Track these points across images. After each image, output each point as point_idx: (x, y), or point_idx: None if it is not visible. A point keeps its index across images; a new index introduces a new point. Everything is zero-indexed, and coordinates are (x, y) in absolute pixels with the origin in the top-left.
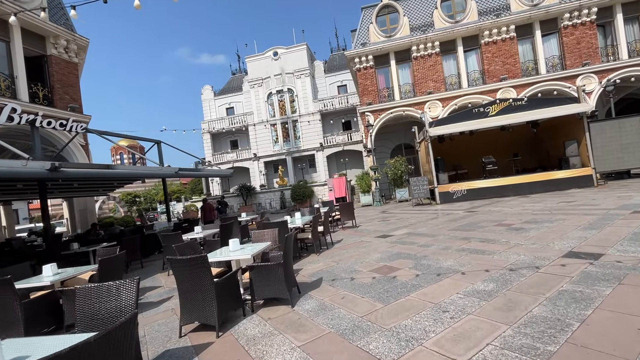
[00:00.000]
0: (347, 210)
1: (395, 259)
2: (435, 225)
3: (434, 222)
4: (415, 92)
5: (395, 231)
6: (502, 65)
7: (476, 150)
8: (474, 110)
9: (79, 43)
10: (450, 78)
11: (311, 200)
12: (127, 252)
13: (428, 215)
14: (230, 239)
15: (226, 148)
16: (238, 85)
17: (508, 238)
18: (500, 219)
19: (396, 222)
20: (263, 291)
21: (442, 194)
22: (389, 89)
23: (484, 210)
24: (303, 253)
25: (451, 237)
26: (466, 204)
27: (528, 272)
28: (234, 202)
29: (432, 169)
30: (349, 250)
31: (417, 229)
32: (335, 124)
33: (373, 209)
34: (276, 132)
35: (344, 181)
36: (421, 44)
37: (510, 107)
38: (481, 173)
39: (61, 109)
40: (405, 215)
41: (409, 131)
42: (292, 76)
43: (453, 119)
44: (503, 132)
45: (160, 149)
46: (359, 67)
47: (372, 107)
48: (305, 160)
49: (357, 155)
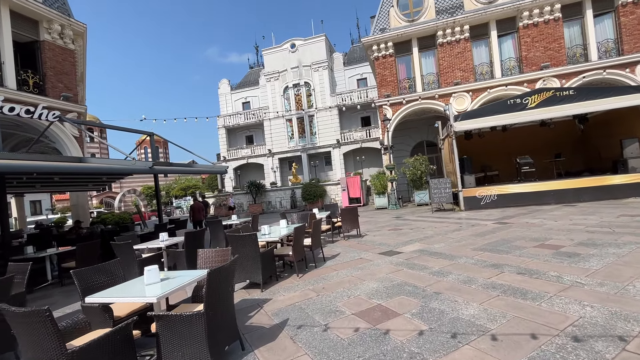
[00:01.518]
0: (350, 216)
1: (396, 294)
2: (456, 241)
3: (455, 235)
4: (439, 82)
5: (405, 246)
6: (543, 52)
7: (509, 149)
8: (509, 102)
9: (75, 29)
10: (480, 67)
11: (323, 200)
12: (83, 260)
13: (449, 226)
14: (148, 268)
15: (241, 144)
16: (255, 79)
17: (559, 270)
18: (543, 237)
19: (409, 233)
20: (174, 355)
21: (467, 199)
22: (410, 79)
23: (520, 223)
24: (284, 272)
25: (477, 263)
26: (496, 213)
27: (606, 347)
28: (243, 200)
29: (456, 169)
30: (340, 272)
31: (432, 245)
32: (353, 119)
33: (387, 213)
34: (292, 128)
35: (358, 181)
36: (448, 28)
37: (554, 98)
38: (515, 176)
39: (54, 97)
40: (422, 223)
41: (432, 127)
42: (309, 69)
43: (483, 112)
44: (543, 129)
45: (152, 141)
46: (377, 56)
47: (390, 99)
48: (321, 157)
49: (376, 154)
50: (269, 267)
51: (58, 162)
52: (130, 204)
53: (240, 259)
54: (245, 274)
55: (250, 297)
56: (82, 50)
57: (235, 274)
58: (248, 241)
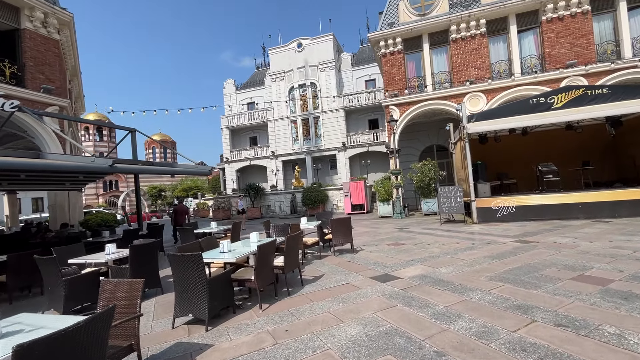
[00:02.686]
0: (342, 228)
1: (380, 352)
2: (468, 265)
3: (466, 256)
4: (452, 82)
5: (404, 268)
6: (569, 48)
7: (529, 155)
8: (532, 101)
9: (60, 17)
10: (498, 65)
11: (325, 206)
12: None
13: (459, 242)
14: None
15: (245, 145)
16: (261, 80)
17: (617, 323)
18: (581, 265)
19: (411, 250)
20: None
21: (481, 210)
22: (419, 78)
23: (546, 242)
24: (249, 300)
25: (496, 301)
26: (515, 227)
27: None
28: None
29: (468, 176)
30: (317, 304)
31: (438, 269)
32: (360, 121)
33: (391, 222)
34: (296, 129)
35: (362, 186)
36: (462, 23)
37: (585, 97)
38: (535, 185)
39: (33, 89)
40: (428, 237)
41: (442, 130)
42: (315, 69)
43: (501, 112)
44: (568, 133)
45: (134, 138)
46: (385, 52)
47: (398, 99)
48: (326, 160)
49: (383, 158)
50: (223, 296)
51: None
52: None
53: (181, 287)
54: (187, 306)
55: (187, 340)
56: (70, 41)
57: (176, 306)
58: (190, 264)
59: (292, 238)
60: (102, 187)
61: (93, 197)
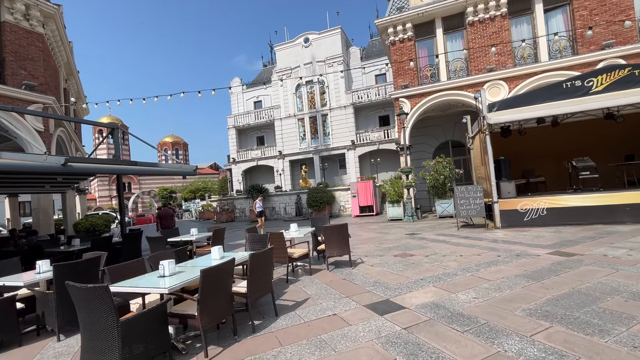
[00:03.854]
0: (337, 237)
1: None
2: (495, 288)
3: (491, 274)
4: (469, 69)
5: (412, 292)
6: (605, 27)
7: (558, 149)
8: (565, 85)
9: (44, 10)
10: (521, 49)
11: (331, 207)
12: None
13: (481, 254)
14: None
15: (252, 145)
16: (267, 78)
17: None
18: None
19: (422, 264)
20: None
21: (505, 213)
22: (432, 66)
23: (594, 256)
24: (197, 342)
25: (546, 358)
26: (548, 234)
27: None
28: (245, 205)
29: (490, 173)
30: (283, 353)
31: (456, 295)
32: (370, 118)
33: (401, 226)
34: (304, 128)
35: (370, 186)
36: (480, 3)
37: (632, 77)
38: (567, 183)
39: (13, 85)
40: (443, 246)
41: (458, 124)
42: (323, 65)
43: (528, 99)
44: (607, 123)
45: (117, 135)
46: (394, 40)
47: (408, 90)
48: (335, 160)
49: (394, 156)
50: (156, 339)
51: None
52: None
53: (88, 333)
54: (93, 355)
55: None
56: (58, 35)
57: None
58: (95, 301)
59: (258, 257)
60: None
61: (107, 199)
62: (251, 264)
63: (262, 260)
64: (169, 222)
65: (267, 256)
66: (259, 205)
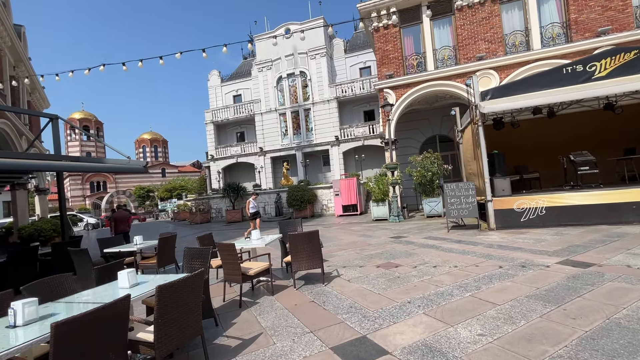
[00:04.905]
0: (307, 247)
1: None
2: (505, 318)
3: (497, 295)
4: (458, 58)
5: (396, 325)
6: (601, 12)
7: (553, 143)
8: (565, 70)
9: None
10: (513, 36)
11: (313, 206)
12: None
13: (479, 263)
14: None
15: (232, 141)
16: (247, 70)
17: None
18: None
19: (409, 277)
20: None
21: (500, 213)
22: (419, 55)
23: (616, 267)
24: None
25: None
26: (550, 237)
27: None
28: (222, 205)
29: (483, 169)
30: None
31: (453, 326)
32: (355, 113)
33: (386, 227)
34: (285, 123)
35: (354, 184)
36: None
37: (637, 62)
38: (563, 179)
39: None
40: (433, 253)
41: (446, 117)
42: (305, 57)
43: (523, 86)
44: (605, 114)
45: (57, 126)
46: (377, 26)
47: (393, 80)
48: (318, 156)
49: (380, 152)
50: None
51: None
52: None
53: None
54: None
55: None
56: None
57: None
58: None
59: (171, 291)
60: (90, 188)
61: (80, 199)
62: (160, 302)
63: (180, 294)
64: (124, 225)
65: (190, 287)
66: (253, 205)
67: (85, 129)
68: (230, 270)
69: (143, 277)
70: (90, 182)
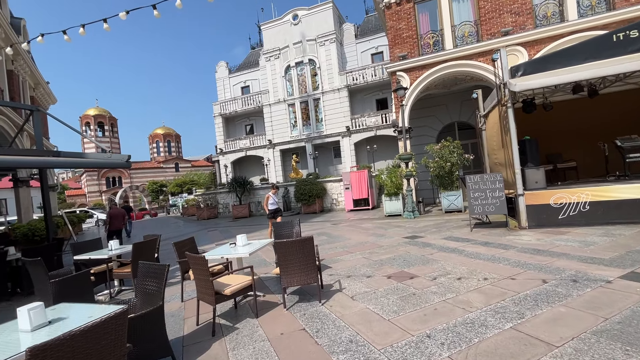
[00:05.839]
0: (299, 258)
1: None
2: None
3: (546, 325)
4: (480, 34)
5: None
6: None
7: (590, 127)
8: (615, 37)
9: None
10: (544, 6)
11: (322, 201)
12: None
13: (515, 275)
14: None
15: (241, 134)
16: (255, 61)
17: None
18: None
19: (428, 297)
20: None
21: (533, 210)
22: (435, 32)
23: None
24: None
25: None
26: (598, 238)
27: None
28: (229, 200)
29: (512, 158)
30: None
31: None
32: (367, 101)
33: (400, 224)
34: (295, 114)
35: (365, 176)
36: None
37: None
38: (603, 169)
39: None
40: (456, 260)
41: (466, 103)
42: (314, 44)
43: (562, 58)
44: None
45: (37, 117)
46: (389, 2)
47: (407, 62)
48: (329, 148)
49: (394, 143)
50: None
51: None
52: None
53: None
54: None
55: None
56: None
57: None
58: None
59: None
60: (105, 183)
61: (96, 194)
62: None
63: (74, 354)
64: (120, 222)
65: (95, 339)
66: (273, 200)
67: (99, 125)
68: (202, 288)
69: (63, 308)
70: (105, 178)
